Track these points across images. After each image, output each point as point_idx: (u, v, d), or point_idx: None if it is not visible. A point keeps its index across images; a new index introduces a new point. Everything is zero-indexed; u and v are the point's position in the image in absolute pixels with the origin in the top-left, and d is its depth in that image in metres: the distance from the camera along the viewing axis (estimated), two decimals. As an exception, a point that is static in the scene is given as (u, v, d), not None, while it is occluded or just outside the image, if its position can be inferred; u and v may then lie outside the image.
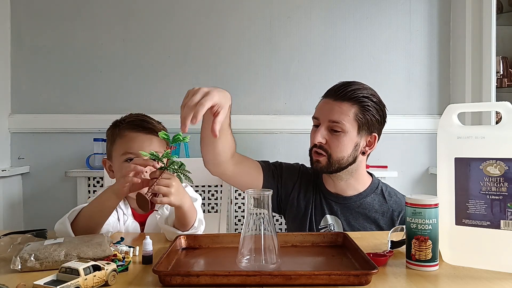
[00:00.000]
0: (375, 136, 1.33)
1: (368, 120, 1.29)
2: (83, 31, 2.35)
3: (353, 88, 1.30)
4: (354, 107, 1.28)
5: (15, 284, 0.76)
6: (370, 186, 1.37)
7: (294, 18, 2.38)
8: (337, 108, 1.28)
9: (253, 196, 0.88)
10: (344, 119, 1.27)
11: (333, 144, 1.28)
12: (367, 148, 1.34)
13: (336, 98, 1.30)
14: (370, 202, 1.34)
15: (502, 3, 2.40)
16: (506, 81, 2.32)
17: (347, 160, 1.30)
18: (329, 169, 1.31)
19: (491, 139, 0.86)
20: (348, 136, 1.28)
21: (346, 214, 1.34)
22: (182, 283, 0.78)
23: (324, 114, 1.30)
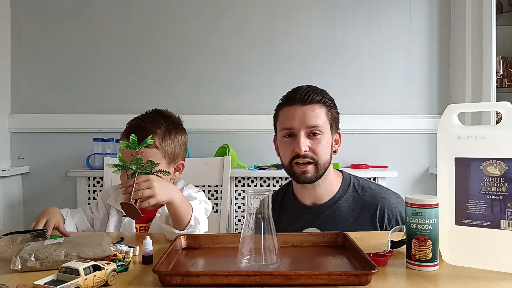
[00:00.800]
0: (339, 133, 1.37)
1: (335, 117, 1.33)
2: (83, 31, 2.35)
3: (315, 92, 1.32)
4: (323, 108, 1.30)
5: (15, 284, 0.76)
6: (342, 185, 1.35)
7: (294, 18, 2.38)
8: (311, 113, 1.28)
9: (253, 196, 0.88)
10: (320, 121, 1.28)
11: (317, 149, 1.27)
12: (337, 146, 1.36)
13: (304, 103, 1.29)
14: (345, 203, 1.32)
15: (502, 3, 2.40)
16: (506, 81, 2.32)
17: (328, 162, 1.30)
18: (317, 177, 1.29)
19: (491, 139, 0.86)
20: (326, 137, 1.29)
21: (325, 223, 1.31)
22: (182, 283, 0.78)
23: (300, 122, 1.27)
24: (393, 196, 1.33)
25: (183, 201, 1.13)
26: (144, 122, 1.34)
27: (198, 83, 2.37)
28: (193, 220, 1.14)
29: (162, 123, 1.35)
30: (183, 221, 1.13)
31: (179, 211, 1.11)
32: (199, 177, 1.65)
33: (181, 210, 1.12)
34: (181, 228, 1.13)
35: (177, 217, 1.12)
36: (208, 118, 2.34)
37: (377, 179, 2.19)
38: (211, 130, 2.34)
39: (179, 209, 1.11)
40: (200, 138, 2.32)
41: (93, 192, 2.19)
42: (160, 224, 1.17)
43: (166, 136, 1.34)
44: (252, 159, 2.33)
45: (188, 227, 1.13)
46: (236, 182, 2.20)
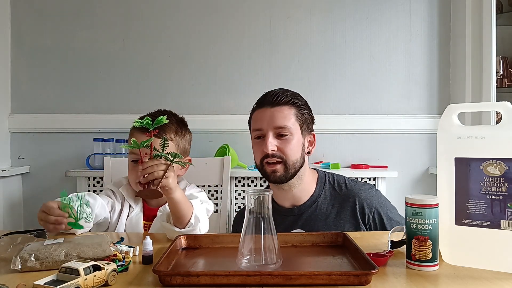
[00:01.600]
0: (314, 134, 1.38)
1: (306, 119, 1.34)
2: (83, 31, 2.35)
3: (285, 93, 1.34)
4: (292, 109, 1.32)
5: (15, 284, 0.76)
6: (318, 183, 1.38)
7: (294, 18, 2.38)
8: (279, 114, 1.30)
9: (253, 196, 0.88)
10: (288, 122, 1.30)
11: (285, 149, 1.29)
12: (310, 147, 1.37)
13: (273, 105, 1.32)
14: (324, 201, 1.35)
15: (502, 3, 2.40)
16: (506, 81, 2.32)
17: (300, 162, 1.31)
18: (287, 176, 1.30)
19: (491, 139, 0.86)
20: (295, 138, 1.30)
21: (308, 223, 1.33)
22: (182, 283, 0.78)
23: (268, 123, 1.31)
24: (366, 189, 1.36)
25: (185, 198, 1.14)
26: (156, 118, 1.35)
27: (198, 83, 2.37)
28: (193, 218, 1.15)
29: (173, 119, 1.41)
30: (184, 218, 1.13)
31: (181, 207, 1.12)
32: (199, 177, 1.65)
33: (183, 207, 1.12)
34: (182, 226, 1.13)
35: (178, 214, 1.12)
36: (208, 118, 2.34)
37: (377, 179, 2.19)
38: (211, 130, 2.34)
39: (180, 205, 1.12)
40: (200, 138, 2.32)
41: (93, 192, 2.19)
42: (161, 223, 1.18)
43: (179, 131, 1.41)
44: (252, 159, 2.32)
45: (189, 226, 1.14)
46: (236, 182, 2.20)
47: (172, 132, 1.37)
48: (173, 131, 1.38)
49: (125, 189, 1.42)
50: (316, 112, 2.46)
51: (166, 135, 1.34)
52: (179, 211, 1.12)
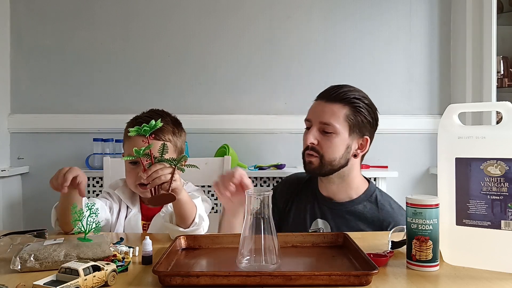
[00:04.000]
0: (366, 139, 1.34)
1: (359, 121, 1.31)
2: (83, 31, 2.35)
3: (344, 90, 1.32)
4: (345, 109, 1.29)
5: (15, 284, 0.76)
6: (365, 193, 1.35)
7: (294, 18, 2.38)
8: (328, 110, 1.30)
9: (253, 196, 0.87)
10: (335, 120, 1.28)
11: (325, 145, 1.29)
12: (359, 151, 1.34)
13: (328, 99, 1.32)
14: (361, 210, 1.33)
15: (502, 3, 2.39)
16: (507, 81, 2.32)
17: (339, 162, 1.30)
18: (321, 171, 1.31)
19: (491, 139, 0.86)
20: (339, 137, 1.28)
21: (336, 220, 1.33)
22: (182, 284, 0.77)
23: (316, 116, 1.32)
24: None
25: (189, 199, 1.14)
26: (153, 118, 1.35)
27: (198, 83, 2.37)
28: (197, 218, 1.15)
29: (168, 119, 1.40)
30: (189, 219, 1.13)
31: (186, 207, 1.11)
32: (199, 177, 1.65)
33: (187, 207, 1.12)
34: (186, 226, 1.13)
35: (183, 214, 1.12)
36: (208, 118, 2.34)
37: (377, 179, 2.18)
38: (211, 130, 2.34)
39: (185, 206, 1.11)
40: (200, 138, 2.32)
41: (92, 192, 2.18)
42: (164, 224, 1.17)
43: (175, 131, 1.40)
44: (252, 159, 2.33)
45: (193, 225, 1.13)
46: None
47: (169, 134, 1.36)
48: (171, 132, 1.37)
49: (121, 190, 1.42)
50: (316, 112, 2.46)
51: (165, 136, 1.34)
52: (185, 211, 1.12)
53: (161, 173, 1.01)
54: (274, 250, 0.86)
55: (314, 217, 1.36)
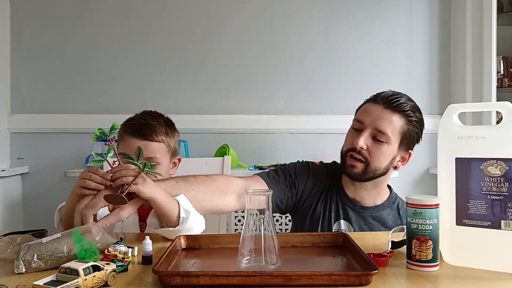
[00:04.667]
0: (410, 153, 1.32)
1: (410, 135, 1.27)
2: (83, 31, 2.35)
3: (404, 101, 1.27)
4: (402, 120, 1.26)
5: (15, 284, 0.76)
6: (388, 199, 1.35)
7: (295, 18, 2.38)
8: (387, 118, 1.25)
9: (253, 196, 0.87)
10: (391, 130, 1.24)
11: (374, 153, 1.25)
12: (400, 163, 1.31)
13: (387, 106, 1.26)
14: (385, 217, 1.32)
15: (502, 3, 2.40)
16: (507, 81, 2.32)
17: (382, 171, 1.28)
18: (363, 177, 1.28)
19: (491, 139, 0.86)
20: (390, 148, 1.25)
21: (360, 223, 1.32)
22: (182, 284, 0.77)
23: (372, 120, 1.26)
24: None
25: (167, 198, 1.11)
26: (146, 120, 1.37)
27: (198, 83, 2.37)
28: (183, 212, 1.12)
29: (161, 120, 1.40)
30: (171, 216, 1.10)
31: (165, 207, 1.09)
32: (199, 177, 1.65)
33: (167, 206, 1.10)
34: (173, 224, 1.11)
35: (164, 214, 1.10)
36: (208, 118, 2.34)
37: (377, 179, 2.18)
38: (211, 130, 2.34)
39: (164, 206, 1.09)
40: (200, 138, 2.32)
41: (93, 192, 2.18)
42: (154, 231, 1.15)
43: (168, 132, 1.39)
44: (252, 159, 2.33)
45: (181, 221, 1.11)
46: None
47: (162, 134, 1.36)
48: (163, 133, 1.36)
49: None
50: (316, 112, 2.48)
51: (158, 137, 1.34)
52: (165, 210, 1.10)
53: (124, 173, 1.02)
54: (274, 250, 0.86)
55: (337, 218, 1.34)
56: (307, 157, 1.37)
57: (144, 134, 1.32)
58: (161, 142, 1.35)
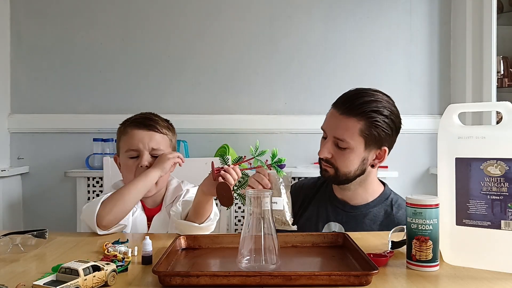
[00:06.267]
0: (385, 150, 1.29)
1: (376, 135, 1.24)
2: (83, 31, 2.35)
3: (361, 102, 1.24)
4: (360, 123, 1.22)
5: (15, 284, 0.76)
6: (380, 196, 1.34)
7: (295, 18, 2.38)
8: (343, 125, 1.24)
9: (253, 197, 0.87)
10: (349, 136, 1.22)
11: (339, 160, 1.26)
12: (377, 161, 1.30)
13: (342, 111, 1.24)
14: (376, 214, 1.32)
15: (502, 3, 2.39)
16: (507, 81, 2.32)
17: (355, 173, 1.28)
18: (336, 180, 1.30)
19: (491, 139, 0.86)
20: (354, 153, 1.24)
21: (351, 223, 1.32)
22: (182, 284, 0.77)
23: (330, 129, 1.27)
24: None
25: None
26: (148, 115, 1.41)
27: (198, 83, 2.37)
28: (212, 214, 1.20)
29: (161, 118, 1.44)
30: (206, 215, 1.18)
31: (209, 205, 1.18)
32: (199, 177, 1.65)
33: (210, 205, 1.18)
34: (201, 221, 1.18)
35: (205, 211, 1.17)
36: (208, 118, 2.34)
37: (377, 179, 2.18)
38: (211, 130, 2.34)
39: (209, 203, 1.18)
40: (200, 138, 2.32)
41: (92, 192, 2.19)
42: (178, 221, 1.19)
43: (170, 127, 1.43)
44: (252, 159, 2.33)
45: (207, 221, 1.19)
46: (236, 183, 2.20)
47: (165, 128, 1.39)
48: (166, 127, 1.40)
49: None
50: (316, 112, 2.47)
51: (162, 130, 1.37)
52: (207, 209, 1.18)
53: None
54: (274, 250, 0.86)
55: (326, 220, 1.34)
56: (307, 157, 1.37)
57: (149, 125, 1.35)
58: (164, 135, 1.38)
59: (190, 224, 1.16)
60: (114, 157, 1.45)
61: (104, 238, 1.15)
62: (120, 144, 1.39)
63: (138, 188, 1.25)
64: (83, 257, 0.91)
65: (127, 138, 1.35)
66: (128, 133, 1.35)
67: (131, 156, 1.34)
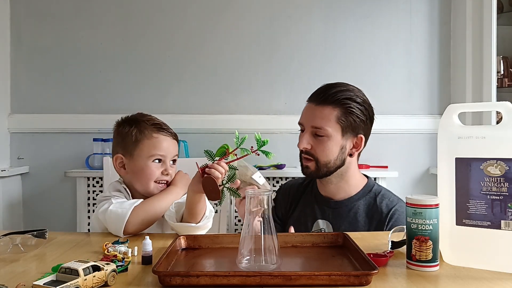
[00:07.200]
0: (361, 137, 1.33)
1: (352, 122, 1.29)
2: (83, 31, 2.35)
3: (334, 91, 1.30)
4: (335, 110, 1.28)
5: (15, 284, 0.76)
6: (363, 189, 1.36)
7: (295, 18, 2.38)
8: (319, 113, 1.29)
9: (253, 197, 0.87)
10: (326, 124, 1.27)
11: (318, 149, 1.29)
12: (354, 149, 1.33)
13: (318, 102, 1.31)
14: (360, 206, 1.33)
15: (502, 3, 2.39)
16: (507, 81, 2.32)
17: (335, 163, 1.30)
18: (318, 174, 1.32)
19: (491, 139, 0.86)
20: (332, 140, 1.28)
21: (337, 219, 1.33)
22: (182, 284, 0.77)
23: (307, 120, 1.32)
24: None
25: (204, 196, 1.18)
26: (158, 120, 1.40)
27: (198, 82, 2.37)
28: (208, 211, 1.20)
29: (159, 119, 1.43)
30: (201, 214, 1.17)
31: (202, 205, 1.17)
32: (199, 177, 1.65)
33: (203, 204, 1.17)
34: (197, 221, 1.17)
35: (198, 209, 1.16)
36: (208, 118, 2.34)
37: (378, 179, 2.18)
38: (211, 130, 2.34)
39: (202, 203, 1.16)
40: (200, 138, 2.32)
41: (92, 192, 2.18)
42: (173, 224, 1.18)
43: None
44: (252, 159, 2.32)
45: (203, 219, 1.18)
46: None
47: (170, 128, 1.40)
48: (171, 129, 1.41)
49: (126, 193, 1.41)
50: (316, 112, 2.44)
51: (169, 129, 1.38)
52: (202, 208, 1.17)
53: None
54: (274, 250, 0.86)
55: (314, 219, 1.37)
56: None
57: (173, 133, 1.38)
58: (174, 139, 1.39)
59: (187, 225, 1.15)
60: (117, 157, 1.38)
61: (104, 238, 1.15)
62: (140, 146, 1.33)
63: (167, 202, 1.26)
64: (83, 257, 0.91)
65: (154, 143, 1.33)
66: (156, 138, 1.33)
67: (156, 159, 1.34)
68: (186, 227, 1.15)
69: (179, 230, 1.17)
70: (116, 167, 1.39)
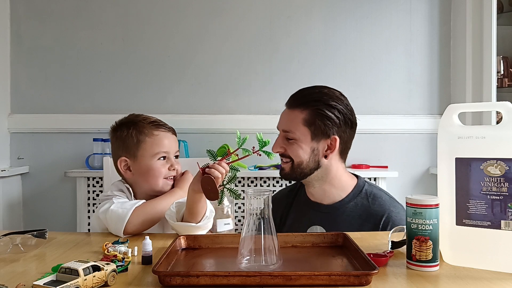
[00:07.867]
0: (335, 139, 1.29)
1: (322, 125, 1.27)
2: (83, 31, 2.35)
3: (304, 94, 1.33)
4: (303, 113, 1.29)
5: (15, 284, 0.76)
6: (353, 190, 1.34)
7: (294, 18, 2.38)
8: (288, 117, 1.32)
9: (253, 197, 0.87)
10: (294, 127, 1.29)
11: (290, 151, 1.31)
12: (329, 151, 1.30)
13: (289, 106, 1.34)
14: (353, 209, 1.31)
15: (502, 3, 2.39)
16: (507, 81, 2.32)
17: (307, 165, 1.30)
18: (293, 175, 1.33)
19: (491, 139, 0.86)
20: (302, 143, 1.29)
21: (330, 223, 1.31)
22: (182, 284, 0.77)
23: (280, 124, 1.36)
24: (401, 210, 1.29)
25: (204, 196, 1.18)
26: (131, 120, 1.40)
27: (198, 83, 2.37)
28: (208, 211, 1.19)
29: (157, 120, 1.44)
30: (201, 213, 1.17)
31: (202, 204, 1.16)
32: (199, 177, 1.65)
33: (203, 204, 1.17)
34: (197, 221, 1.16)
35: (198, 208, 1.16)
36: (208, 118, 2.34)
37: (378, 179, 2.19)
38: (211, 130, 2.34)
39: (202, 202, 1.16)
40: (200, 138, 2.32)
41: (92, 192, 2.18)
42: (174, 224, 1.18)
43: None
44: (252, 159, 2.32)
45: (204, 219, 1.17)
46: (236, 183, 2.20)
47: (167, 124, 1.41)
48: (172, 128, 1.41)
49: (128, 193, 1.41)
50: (316, 112, 2.44)
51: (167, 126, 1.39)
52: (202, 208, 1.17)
53: None
54: (274, 250, 0.86)
55: (308, 225, 1.34)
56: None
57: (173, 129, 1.40)
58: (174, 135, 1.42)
59: (187, 225, 1.15)
60: (121, 160, 1.37)
61: (104, 238, 1.15)
62: (142, 146, 1.33)
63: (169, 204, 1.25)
64: (83, 257, 0.91)
65: (156, 141, 1.33)
66: (157, 136, 1.34)
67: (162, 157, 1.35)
68: (186, 226, 1.15)
69: (179, 230, 1.17)
70: (122, 170, 1.38)
